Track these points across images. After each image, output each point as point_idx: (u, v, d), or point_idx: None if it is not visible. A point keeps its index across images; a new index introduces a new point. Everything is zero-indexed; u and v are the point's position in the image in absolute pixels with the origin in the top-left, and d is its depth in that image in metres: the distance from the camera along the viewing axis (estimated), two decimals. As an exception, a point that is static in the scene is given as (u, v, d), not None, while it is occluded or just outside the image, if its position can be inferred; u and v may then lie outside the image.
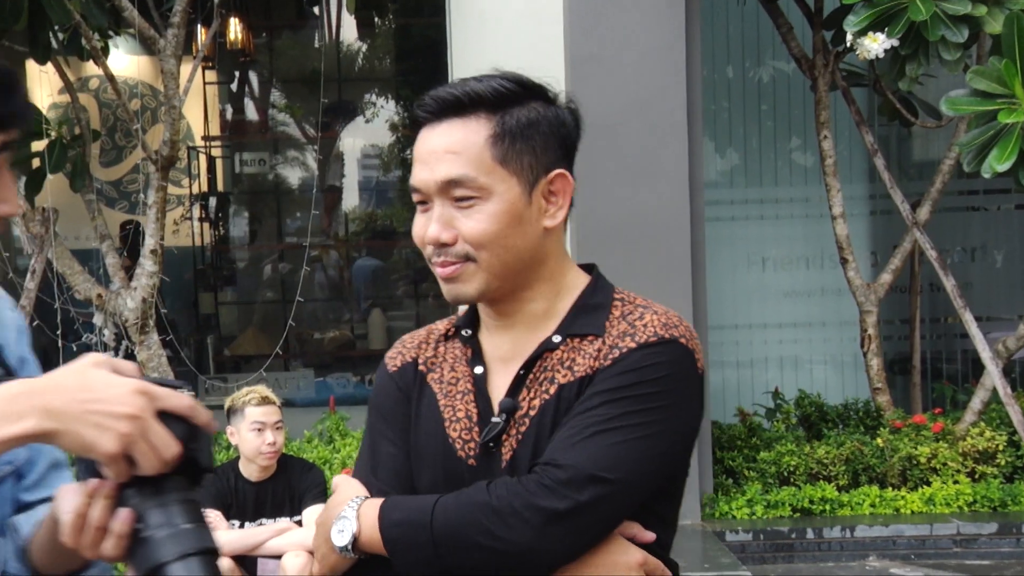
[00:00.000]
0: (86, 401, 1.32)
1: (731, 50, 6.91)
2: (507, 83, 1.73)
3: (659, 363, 1.67)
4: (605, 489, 1.61)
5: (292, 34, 8.82)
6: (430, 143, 1.72)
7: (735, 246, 6.96)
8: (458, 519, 1.60)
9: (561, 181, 1.76)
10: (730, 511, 5.61)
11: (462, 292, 1.73)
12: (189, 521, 1.36)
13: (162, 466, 1.34)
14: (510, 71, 1.75)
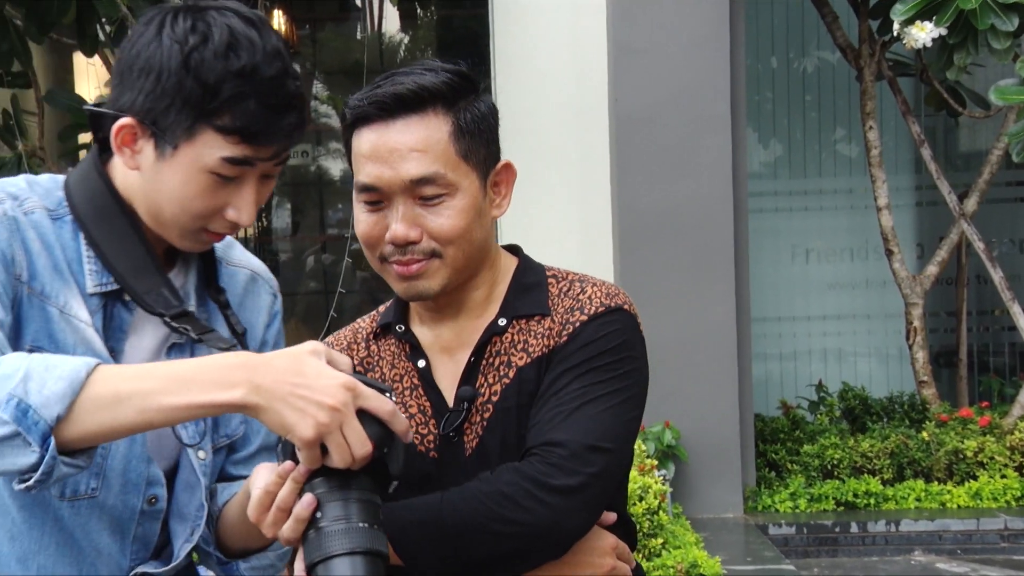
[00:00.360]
0: (295, 385, 1.39)
1: (775, 40, 6.86)
2: (456, 77, 1.72)
3: (612, 331, 1.71)
4: (606, 457, 1.63)
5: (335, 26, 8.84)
6: (388, 141, 1.69)
7: (778, 238, 6.92)
8: (471, 512, 1.60)
9: (506, 171, 1.78)
10: (773, 504, 5.58)
11: (426, 288, 1.72)
12: (365, 521, 1.40)
13: (352, 462, 1.40)
14: (441, 62, 1.74)
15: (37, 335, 1.56)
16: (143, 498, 1.65)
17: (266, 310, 1.83)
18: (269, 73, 1.54)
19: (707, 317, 5.42)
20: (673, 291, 5.40)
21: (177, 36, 1.53)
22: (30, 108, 5.17)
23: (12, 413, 1.36)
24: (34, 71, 4.73)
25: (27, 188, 1.63)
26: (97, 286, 1.61)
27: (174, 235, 1.63)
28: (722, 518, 5.45)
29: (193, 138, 1.54)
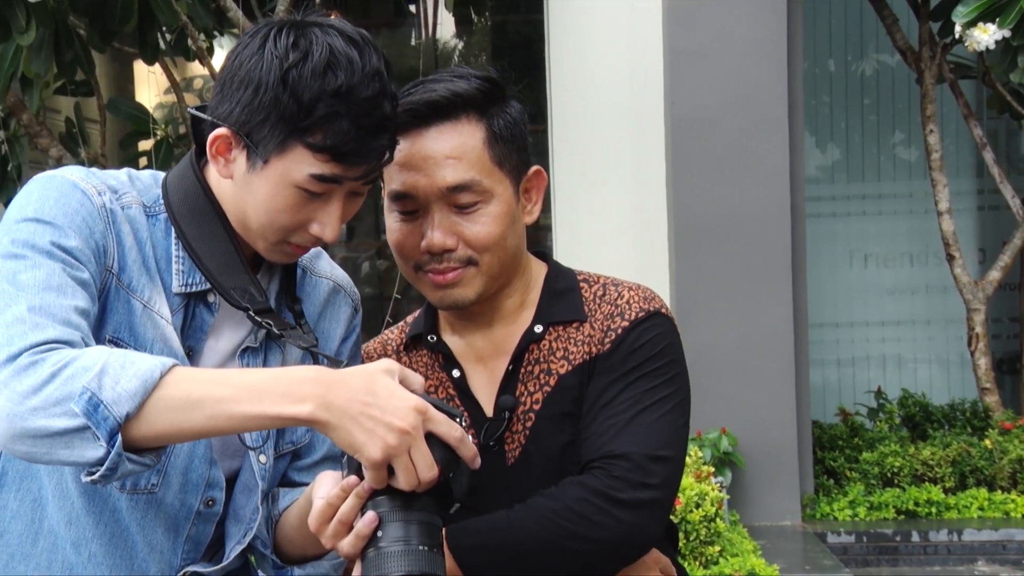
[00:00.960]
0: (366, 404, 1.40)
1: (833, 43, 6.79)
2: (487, 83, 1.71)
3: (655, 336, 1.72)
4: (668, 466, 1.64)
5: (389, 32, 8.88)
6: (423, 149, 1.68)
7: (836, 243, 6.85)
8: (542, 531, 1.59)
9: (537, 177, 1.78)
10: (831, 512, 5.51)
11: (462, 297, 1.72)
12: (424, 544, 1.41)
13: (417, 485, 1.41)
14: (471, 69, 1.73)
15: (119, 326, 1.59)
16: (201, 499, 1.67)
17: (345, 322, 1.84)
18: (365, 94, 1.54)
19: (764, 322, 5.37)
20: (729, 296, 5.36)
21: (278, 51, 1.55)
22: (92, 116, 5.24)
23: (83, 407, 1.38)
24: (96, 80, 4.80)
25: (128, 182, 1.67)
26: (182, 286, 1.65)
27: (260, 245, 1.65)
28: (780, 526, 5.39)
29: (284, 153, 1.56)
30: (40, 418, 1.38)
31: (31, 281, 1.49)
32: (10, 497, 1.66)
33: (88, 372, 1.39)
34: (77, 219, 1.56)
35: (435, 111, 1.69)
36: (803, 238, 5.53)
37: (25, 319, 1.44)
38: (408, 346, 1.84)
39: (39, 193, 1.58)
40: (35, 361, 1.40)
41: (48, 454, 1.41)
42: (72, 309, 1.48)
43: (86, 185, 1.59)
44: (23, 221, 1.55)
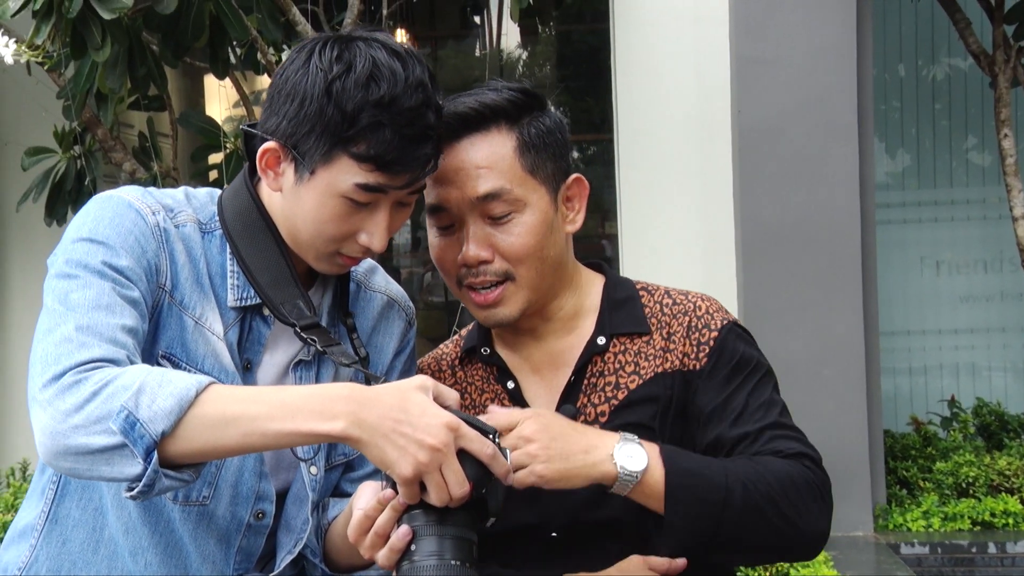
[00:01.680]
0: (398, 421, 1.42)
1: (903, 48, 6.71)
2: (519, 94, 1.71)
3: (746, 342, 1.76)
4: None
5: (455, 44, 8.93)
6: (454, 161, 1.69)
7: (907, 249, 6.76)
8: (760, 494, 1.57)
9: (578, 185, 1.76)
10: (905, 523, 5.43)
11: (505, 315, 1.72)
12: (457, 559, 1.43)
13: (449, 501, 1.43)
14: (506, 82, 1.74)
15: (171, 342, 1.63)
16: (251, 511, 1.70)
17: (398, 337, 1.86)
18: (408, 104, 1.57)
19: (834, 331, 5.31)
20: (799, 304, 5.31)
21: (323, 65, 1.59)
22: (164, 130, 5.33)
23: (121, 425, 1.42)
24: (168, 95, 4.88)
25: (184, 201, 1.71)
26: (237, 300, 1.68)
27: (311, 256, 1.68)
28: (851, 536, 5.32)
29: (330, 163, 1.59)
30: (81, 436, 1.42)
31: (81, 300, 1.53)
32: (72, 506, 1.71)
33: (127, 391, 1.43)
34: (130, 239, 1.60)
35: (465, 123, 1.70)
36: (873, 245, 5.46)
37: (72, 338, 1.49)
38: (463, 359, 1.85)
39: (95, 213, 1.62)
40: (79, 380, 1.45)
41: (90, 470, 1.45)
42: (119, 328, 1.52)
43: (141, 205, 1.63)
44: (79, 241, 1.60)
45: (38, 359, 1.50)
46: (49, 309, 1.55)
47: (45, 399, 1.45)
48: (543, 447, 1.51)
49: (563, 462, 1.52)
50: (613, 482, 1.54)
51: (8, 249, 5.93)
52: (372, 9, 5.70)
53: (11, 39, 4.18)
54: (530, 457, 1.51)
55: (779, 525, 1.54)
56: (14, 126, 5.75)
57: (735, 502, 1.53)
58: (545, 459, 1.51)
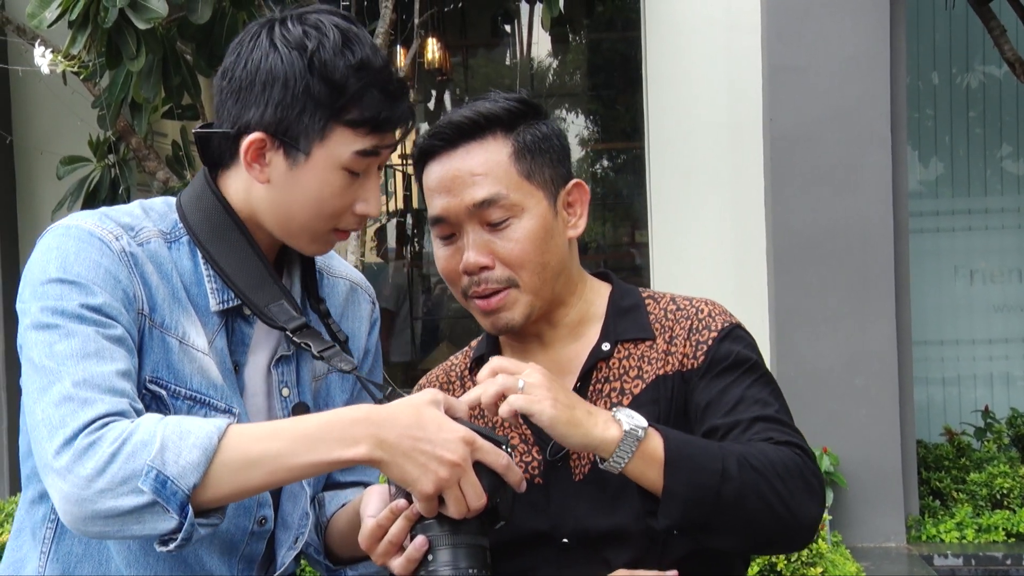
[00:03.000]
0: (416, 439, 1.44)
1: (937, 55, 6.67)
2: (515, 102, 1.72)
3: (746, 346, 1.72)
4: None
5: (486, 52, 8.95)
6: (451, 170, 1.70)
7: (940, 258, 6.71)
8: (754, 469, 1.55)
9: (578, 190, 1.76)
10: (938, 534, 5.39)
11: (509, 320, 1.72)
12: (473, 567, 1.46)
13: (467, 513, 1.45)
14: (504, 93, 1.74)
15: (157, 366, 1.60)
16: (254, 520, 1.69)
17: (367, 319, 1.87)
18: (379, 63, 1.60)
19: (866, 340, 5.28)
20: (831, 313, 5.29)
21: (293, 43, 1.57)
22: (197, 138, 5.36)
23: (151, 485, 1.41)
24: (202, 103, 4.91)
25: (142, 215, 1.66)
26: (219, 303, 1.65)
27: (304, 241, 1.67)
28: (884, 547, 5.29)
29: (325, 139, 1.58)
30: (109, 499, 1.40)
31: (68, 351, 1.48)
32: (74, 542, 1.67)
33: (148, 448, 1.41)
34: (100, 271, 1.54)
35: (461, 132, 1.70)
36: (906, 254, 5.43)
37: (73, 396, 1.45)
38: (472, 369, 1.85)
39: (58, 249, 1.56)
40: (92, 442, 1.42)
41: (120, 531, 1.43)
42: (115, 374, 1.49)
43: (102, 232, 1.58)
44: (48, 283, 1.53)
45: (41, 423, 1.46)
46: (37, 366, 1.49)
47: (62, 466, 1.42)
48: (549, 391, 1.51)
49: (568, 411, 1.51)
50: (616, 444, 1.51)
51: (43, 257, 6.00)
52: (404, 18, 5.72)
53: (48, 49, 4.23)
54: (539, 396, 1.51)
55: (773, 503, 1.53)
56: (50, 135, 5.81)
57: (732, 473, 1.51)
58: (552, 401, 1.50)
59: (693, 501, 1.51)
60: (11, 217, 5.94)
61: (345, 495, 1.79)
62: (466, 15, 8.31)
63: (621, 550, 1.65)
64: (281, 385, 1.71)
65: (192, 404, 1.60)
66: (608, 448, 1.51)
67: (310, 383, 1.75)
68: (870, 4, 5.26)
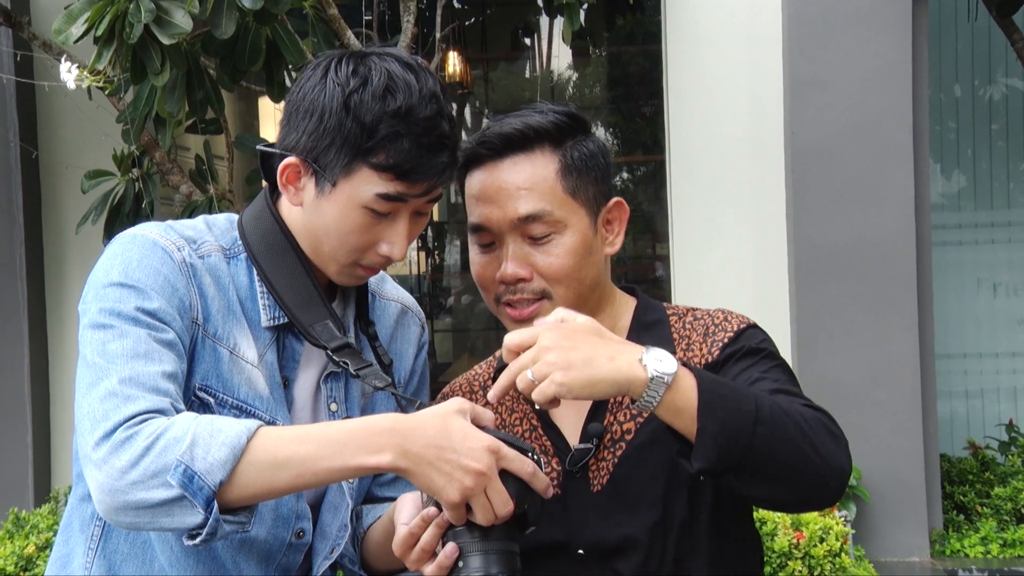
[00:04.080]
0: (442, 449, 1.46)
1: (959, 68, 6.65)
2: (565, 116, 1.73)
3: (763, 339, 1.73)
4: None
5: (507, 65, 8.97)
6: (496, 180, 1.71)
7: (963, 271, 6.68)
8: (785, 413, 1.52)
9: (618, 209, 1.78)
10: (962, 549, 5.36)
11: None
12: (503, 572, 1.49)
13: (495, 520, 1.48)
14: (552, 105, 1.75)
15: (207, 375, 1.65)
16: (292, 532, 1.73)
17: (415, 342, 1.93)
18: (424, 114, 1.62)
19: (889, 354, 5.26)
20: (853, 327, 5.27)
21: (339, 80, 1.63)
22: (220, 153, 5.40)
23: (179, 479, 1.45)
24: (225, 118, 4.94)
25: (205, 230, 1.74)
26: (270, 319, 1.71)
27: (332, 270, 1.72)
28: (907, 562, 5.26)
29: (350, 175, 1.62)
30: (140, 491, 1.46)
31: (119, 350, 1.55)
32: (120, 541, 1.73)
33: (180, 444, 1.46)
34: (159, 279, 1.62)
35: (509, 144, 1.72)
36: (929, 267, 5.41)
37: (117, 392, 1.52)
38: (495, 379, 1.87)
39: (123, 255, 1.64)
40: (130, 436, 1.48)
41: (151, 523, 1.49)
42: (160, 375, 1.55)
43: (166, 242, 1.66)
44: (109, 286, 1.62)
45: (85, 416, 1.53)
46: (88, 362, 1.57)
47: (99, 458, 1.48)
48: (563, 355, 1.46)
49: (586, 368, 1.46)
50: (643, 388, 1.47)
51: (67, 270, 6.03)
52: (425, 32, 5.75)
53: (74, 65, 4.27)
54: (550, 367, 1.46)
55: (806, 449, 1.49)
56: (75, 150, 5.85)
57: (766, 416, 1.48)
58: (565, 366, 1.45)
59: (728, 441, 1.47)
60: (37, 230, 5.98)
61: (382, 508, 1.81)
62: (487, 29, 8.34)
63: (631, 560, 1.66)
64: (330, 400, 1.77)
65: (238, 413, 1.65)
66: (636, 391, 1.48)
67: (358, 400, 1.80)
68: (892, 17, 5.25)
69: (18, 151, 5.79)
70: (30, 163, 5.86)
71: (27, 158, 5.82)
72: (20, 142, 5.78)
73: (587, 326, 1.52)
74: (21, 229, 5.83)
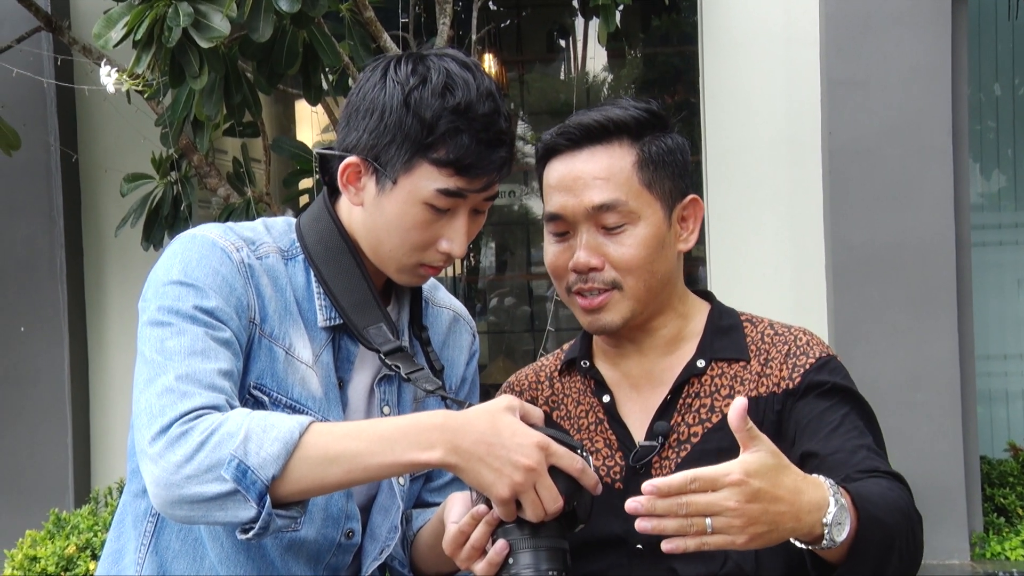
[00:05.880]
0: (491, 445, 1.48)
1: (1000, 66, 6.59)
2: (645, 112, 1.74)
3: (844, 376, 1.73)
4: None
5: (542, 67, 8.97)
6: (573, 170, 1.74)
7: (1004, 272, 6.62)
8: (912, 534, 1.54)
9: (694, 206, 1.79)
10: (1003, 551, 5.31)
11: (609, 322, 1.75)
12: (553, 568, 1.50)
13: (544, 516, 1.49)
14: (634, 100, 1.76)
15: (262, 374, 1.68)
16: (341, 532, 1.76)
17: (467, 349, 1.95)
18: (482, 111, 1.65)
19: (928, 355, 5.22)
20: (891, 328, 5.23)
21: (399, 79, 1.67)
22: (257, 156, 5.43)
23: (232, 473, 1.48)
24: (262, 121, 4.97)
25: (264, 232, 1.77)
26: (326, 320, 1.74)
27: (392, 269, 1.74)
28: (947, 564, 5.21)
29: (411, 171, 1.66)
30: (194, 485, 1.49)
31: (177, 348, 1.58)
32: (172, 537, 1.76)
33: (233, 439, 1.49)
34: (218, 278, 1.65)
35: (588, 135, 1.75)
36: (968, 268, 5.36)
37: (174, 388, 1.55)
38: (562, 371, 1.88)
39: (182, 254, 1.67)
40: (185, 431, 1.51)
41: (205, 516, 1.51)
42: (216, 372, 1.58)
43: (225, 243, 1.69)
44: (168, 284, 1.65)
45: (143, 411, 1.55)
46: (147, 359, 1.60)
47: (155, 452, 1.51)
48: (749, 521, 1.39)
49: (769, 535, 1.40)
50: (812, 542, 1.46)
51: (107, 272, 6.08)
52: (460, 35, 5.76)
53: (113, 69, 4.31)
54: (731, 529, 1.39)
55: (908, 563, 1.53)
56: (114, 153, 5.90)
57: (900, 543, 1.51)
58: (750, 533, 1.40)
59: (868, 572, 1.50)
60: (76, 232, 6.04)
61: (432, 512, 1.84)
62: (522, 31, 8.34)
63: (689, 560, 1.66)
64: (383, 403, 1.80)
65: (291, 413, 1.67)
66: (804, 542, 1.47)
67: (411, 403, 1.82)
68: (931, 16, 5.21)
69: (58, 155, 5.84)
70: (70, 167, 5.92)
71: (67, 162, 5.88)
72: (60, 146, 5.84)
73: (771, 469, 1.43)
74: (61, 232, 5.89)
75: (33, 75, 5.47)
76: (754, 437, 1.43)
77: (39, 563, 4.63)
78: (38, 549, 4.70)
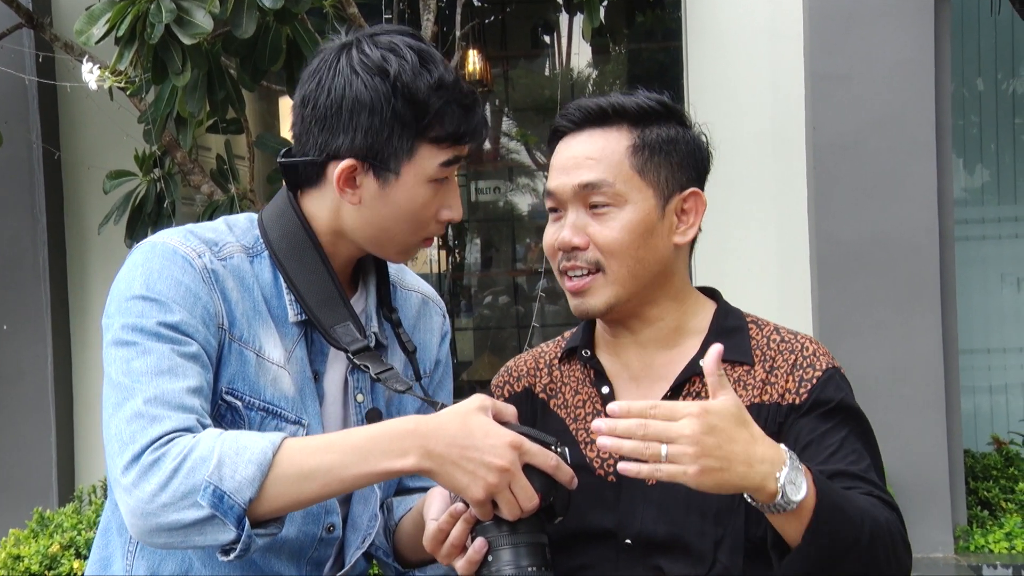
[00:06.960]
0: (464, 448, 1.48)
1: (982, 62, 6.61)
2: (650, 101, 1.74)
3: (847, 393, 1.73)
4: None
5: (526, 63, 8.96)
6: (570, 151, 1.76)
7: (987, 266, 6.65)
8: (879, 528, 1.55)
9: (695, 199, 1.78)
10: (986, 544, 5.33)
11: (591, 305, 1.75)
12: (533, 564, 1.51)
13: (520, 514, 1.50)
14: (646, 90, 1.77)
15: (233, 378, 1.67)
16: (322, 527, 1.75)
17: (438, 330, 1.95)
18: (452, 78, 1.67)
19: (912, 349, 5.24)
20: (876, 323, 5.25)
21: (375, 68, 1.63)
22: (241, 152, 5.42)
23: (209, 499, 1.47)
24: (246, 117, 4.95)
25: (226, 231, 1.74)
26: (297, 315, 1.72)
27: (393, 251, 1.74)
28: (931, 557, 5.23)
29: (413, 157, 1.65)
30: (171, 513, 1.48)
31: (143, 368, 1.56)
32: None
33: (207, 463, 1.48)
34: (181, 289, 1.62)
35: (588, 118, 1.76)
36: (952, 262, 5.38)
37: (143, 413, 1.53)
38: (563, 359, 1.88)
39: (143, 266, 1.65)
40: (157, 458, 1.49)
41: (184, 542, 1.51)
42: (185, 391, 1.56)
43: (186, 249, 1.66)
44: (131, 299, 1.62)
45: (113, 438, 1.54)
46: (114, 382, 1.58)
47: (129, 482, 1.50)
48: (703, 451, 1.43)
49: (720, 473, 1.44)
50: (767, 501, 1.48)
51: (90, 269, 6.05)
52: (445, 30, 5.75)
53: (95, 65, 4.28)
54: (685, 457, 1.43)
55: (885, 571, 1.54)
56: (97, 150, 5.88)
57: (863, 542, 1.52)
58: (701, 465, 1.43)
59: (820, 561, 1.51)
60: (59, 230, 6.01)
61: (412, 500, 1.84)
62: (507, 26, 8.33)
63: (676, 559, 1.66)
64: (356, 391, 1.78)
65: (265, 415, 1.67)
66: (759, 499, 1.50)
67: (384, 390, 1.80)
68: (914, 11, 5.22)
69: (40, 152, 5.82)
70: (52, 164, 5.89)
71: (49, 159, 5.85)
72: (42, 143, 5.81)
73: (731, 415, 1.47)
74: (44, 229, 5.86)
75: (15, 72, 5.45)
76: (724, 386, 1.48)
77: (23, 562, 4.61)
78: (22, 548, 4.69)
